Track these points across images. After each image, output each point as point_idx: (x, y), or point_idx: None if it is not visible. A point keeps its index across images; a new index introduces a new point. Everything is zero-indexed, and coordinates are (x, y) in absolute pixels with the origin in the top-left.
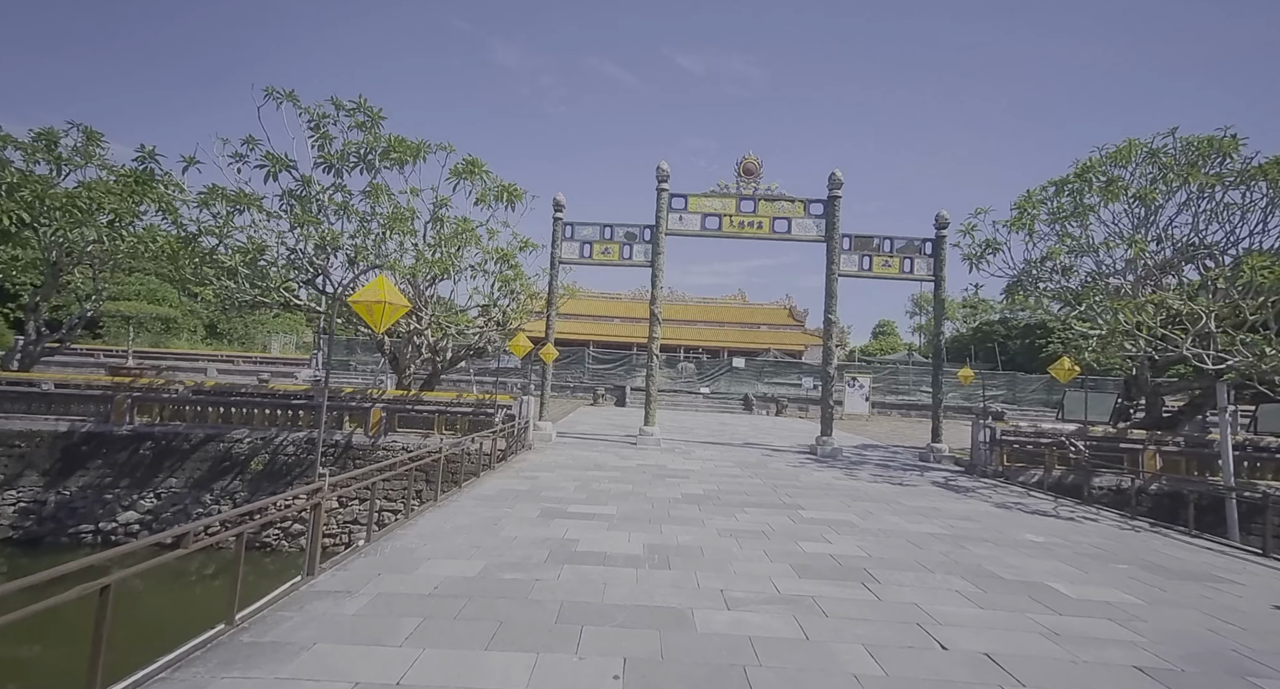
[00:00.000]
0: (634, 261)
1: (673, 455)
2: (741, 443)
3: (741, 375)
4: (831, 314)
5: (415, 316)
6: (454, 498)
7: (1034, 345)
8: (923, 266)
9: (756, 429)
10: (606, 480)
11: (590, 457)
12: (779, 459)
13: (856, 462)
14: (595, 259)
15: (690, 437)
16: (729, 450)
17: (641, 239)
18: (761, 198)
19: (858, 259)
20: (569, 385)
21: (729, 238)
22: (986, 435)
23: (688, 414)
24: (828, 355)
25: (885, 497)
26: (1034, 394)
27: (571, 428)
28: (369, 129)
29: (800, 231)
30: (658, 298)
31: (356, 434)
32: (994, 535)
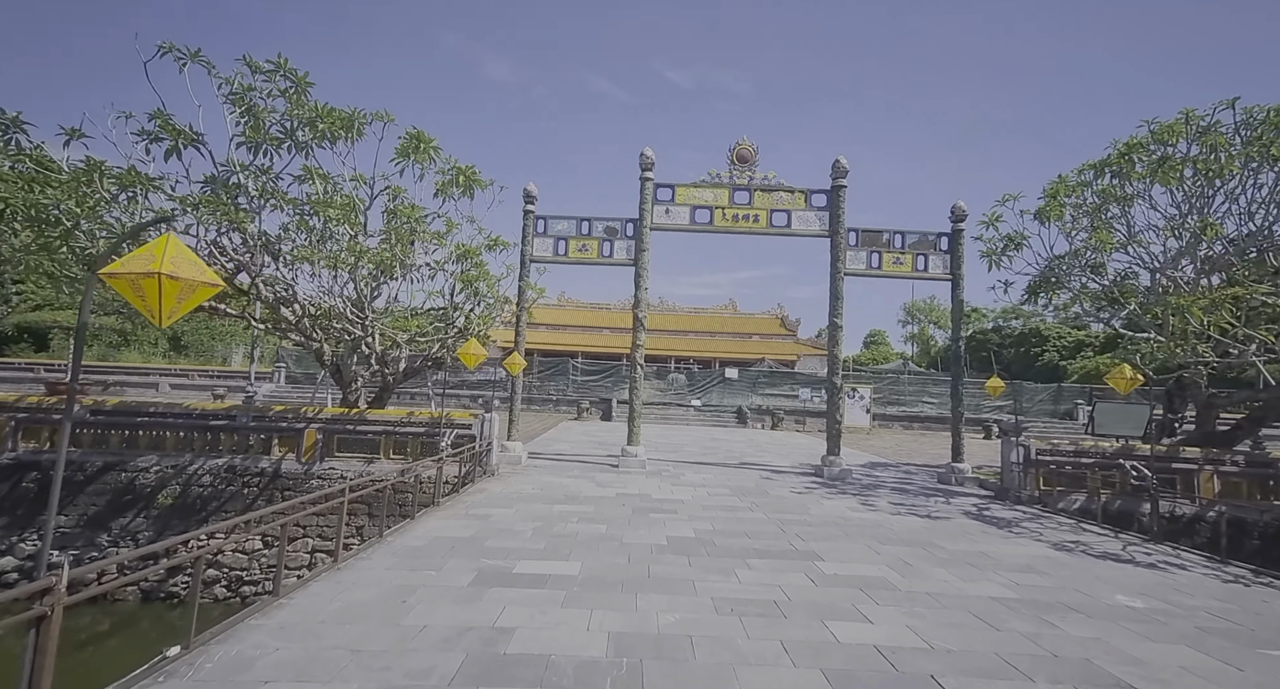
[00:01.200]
0: (615, 260)
1: (659, 481)
2: (737, 463)
3: (734, 387)
4: (837, 317)
5: (357, 322)
6: (364, 554)
7: (1029, 353)
8: (938, 264)
9: (753, 445)
10: (575, 519)
11: (562, 484)
12: (781, 483)
13: (869, 485)
14: (571, 257)
15: (680, 455)
16: (723, 473)
17: (624, 234)
18: (758, 188)
19: (865, 256)
20: (551, 399)
21: (722, 233)
22: (1020, 455)
23: (678, 429)
24: (833, 364)
25: (917, 536)
26: (1040, 404)
27: (548, 447)
28: (293, 98)
29: (801, 225)
30: (642, 300)
31: (287, 460)
32: (1079, 599)
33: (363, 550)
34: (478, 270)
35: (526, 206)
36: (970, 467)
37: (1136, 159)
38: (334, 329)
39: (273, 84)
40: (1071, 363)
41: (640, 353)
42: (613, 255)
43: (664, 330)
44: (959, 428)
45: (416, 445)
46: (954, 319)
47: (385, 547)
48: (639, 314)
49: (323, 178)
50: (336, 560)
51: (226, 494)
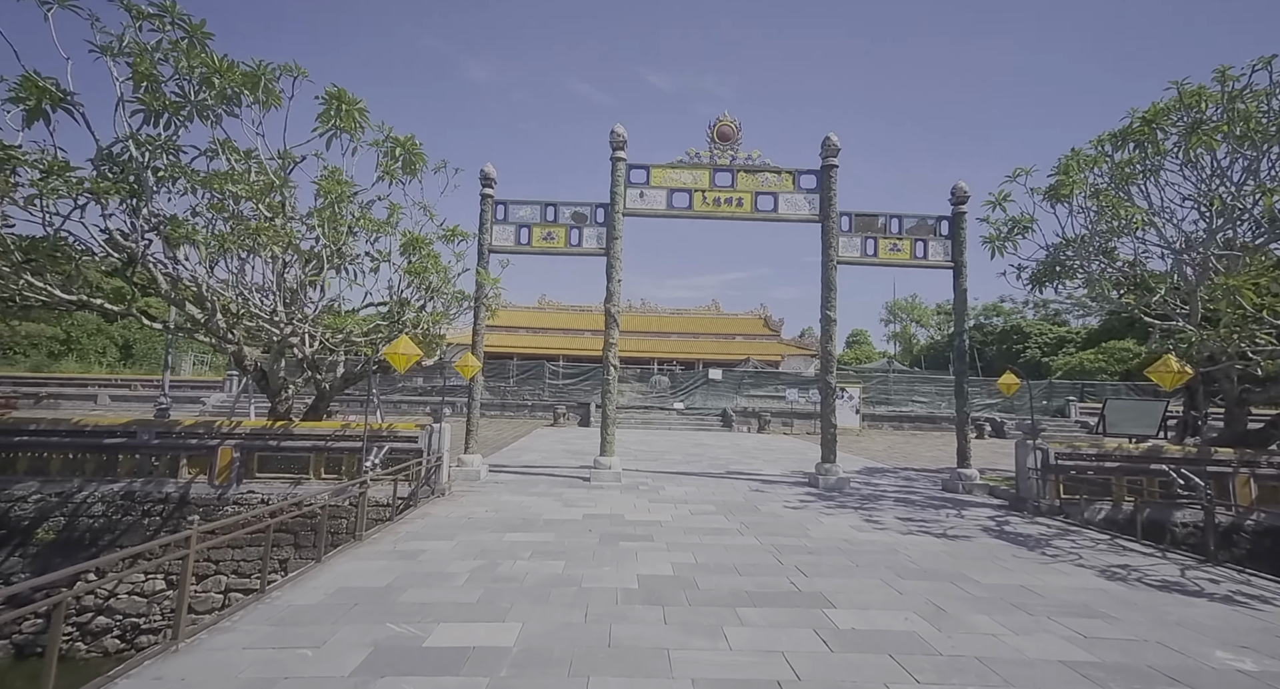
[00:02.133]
0: (584, 249)
1: (635, 497)
2: (723, 471)
3: (719, 388)
4: (830, 309)
5: (282, 321)
6: (231, 620)
7: (1010, 350)
8: (938, 250)
9: (739, 451)
10: (528, 553)
11: (521, 505)
12: (773, 496)
13: (870, 496)
14: (535, 246)
15: (660, 464)
16: (708, 484)
17: (594, 221)
18: (741, 169)
19: (859, 243)
20: (527, 404)
21: (702, 218)
22: (1038, 460)
23: (659, 434)
24: (826, 361)
25: (940, 564)
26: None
27: (515, 458)
28: (188, 51)
29: (789, 209)
30: (614, 293)
31: (198, 483)
32: (1172, 661)
33: (232, 615)
34: (430, 262)
35: (484, 190)
36: (978, 472)
37: (1160, 129)
38: (255, 329)
39: (162, 33)
40: (1054, 359)
41: (614, 352)
42: (581, 244)
43: (646, 332)
44: (964, 430)
45: (353, 462)
46: (956, 310)
47: (264, 608)
48: (611, 308)
49: (233, 150)
50: (177, 638)
51: (122, 526)
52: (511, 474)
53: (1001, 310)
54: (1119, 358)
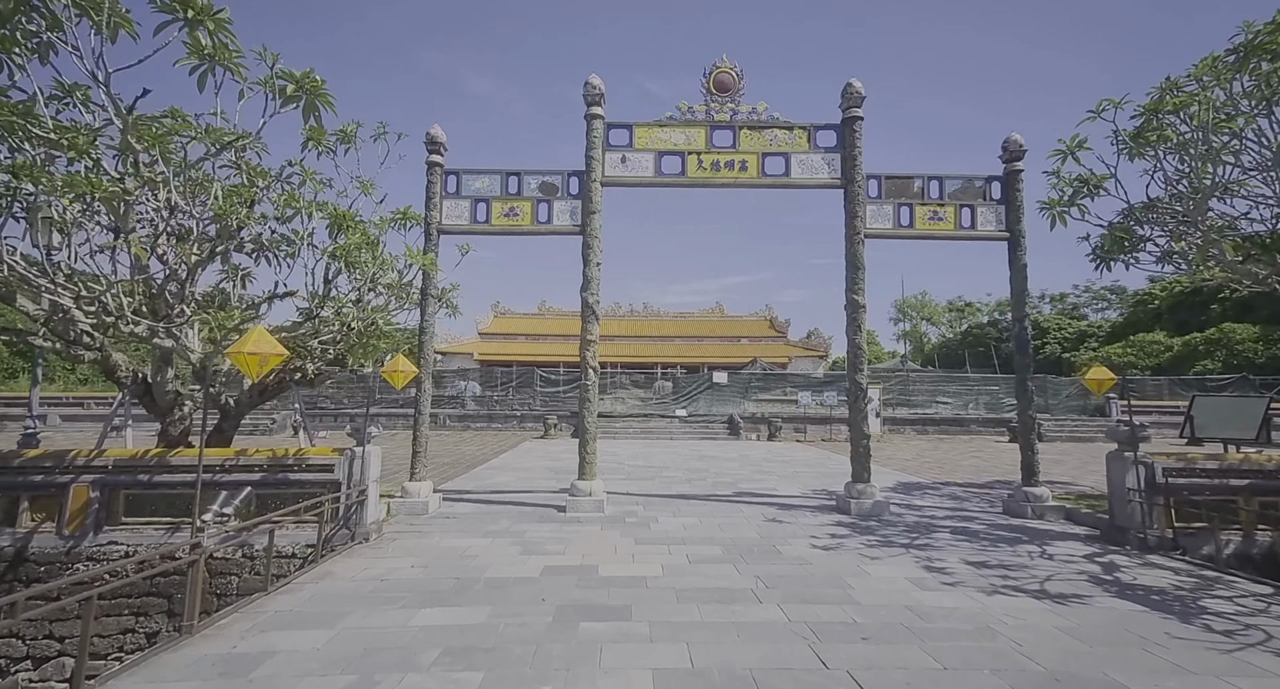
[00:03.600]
0: (555, 226)
1: (618, 535)
2: (731, 492)
3: (724, 393)
4: (856, 293)
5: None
6: None
7: None
8: (988, 217)
9: (749, 463)
10: (432, 656)
11: (465, 554)
12: (795, 527)
13: (918, 525)
14: (496, 224)
15: (656, 485)
16: (713, 511)
17: (566, 192)
18: (744, 125)
19: (891, 211)
20: (516, 414)
21: (698, 185)
22: (1140, 478)
23: (660, 445)
24: (855, 357)
25: (1073, 661)
26: (1069, 401)
27: (485, 481)
28: None
29: (804, 172)
30: (593, 279)
31: (43, 532)
32: None
33: None
34: (366, 246)
35: (431, 158)
36: (1048, 490)
37: None
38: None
39: None
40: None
41: (593, 351)
42: (551, 221)
43: (649, 336)
44: (1031, 439)
45: (250, 499)
46: (1014, 290)
47: None
48: (589, 298)
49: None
50: None
51: None
52: (470, 504)
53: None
54: (1149, 351)
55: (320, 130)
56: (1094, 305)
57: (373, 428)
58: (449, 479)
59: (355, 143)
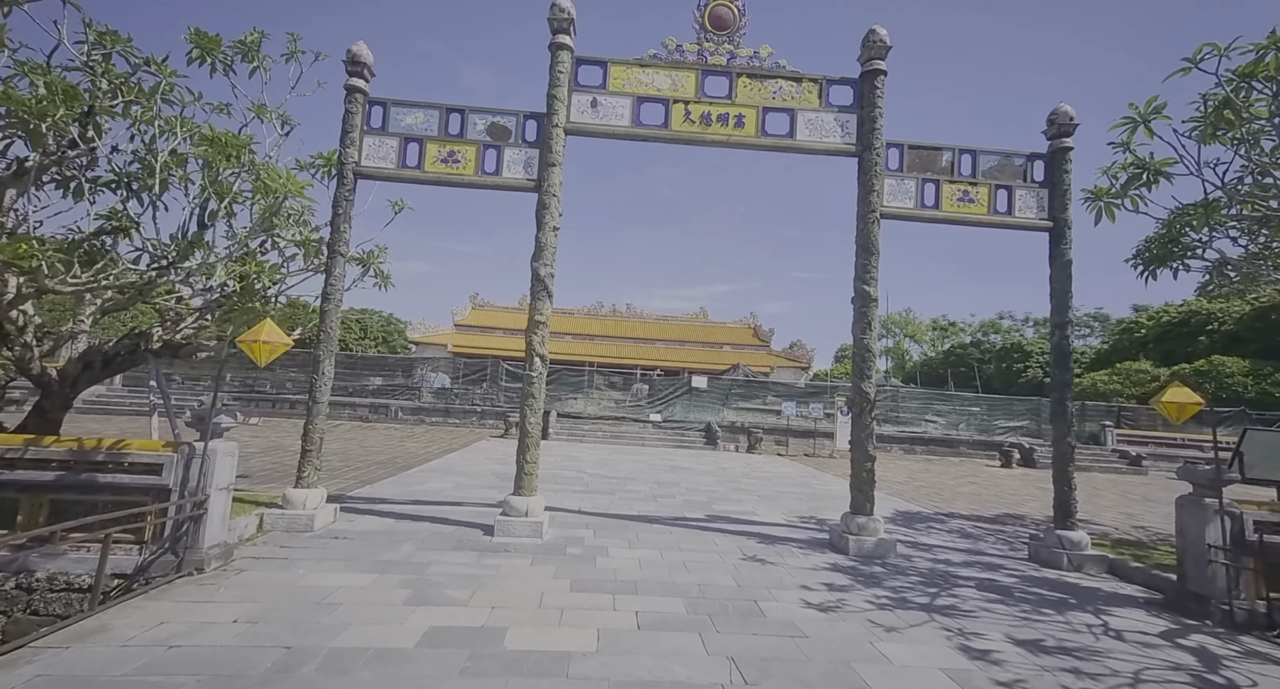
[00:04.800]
0: (504, 179)
1: (550, 577)
2: (703, 515)
3: (703, 399)
4: (868, 283)
5: None
6: None
7: (1010, 369)
8: (1029, 202)
9: (725, 479)
10: None
11: (321, 603)
12: (782, 572)
13: (931, 573)
14: (430, 171)
15: (616, 501)
16: (679, 542)
17: (520, 138)
18: (743, 73)
19: (914, 187)
20: (475, 410)
21: (684, 141)
22: (1224, 532)
23: (629, 452)
24: (862, 361)
25: None
26: None
27: (410, 487)
28: None
29: (812, 134)
30: (548, 246)
31: None
32: None
33: None
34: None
35: (351, 81)
36: (1087, 536)
37: None
38: None
39: None
40: None
41: (541, 337)
42: (501, 172)
43: (630, 338)
44: (1068, 472)
45: (36, 509)
46: (1054, 291)
47: None
48: (540, 269)
49: None
50: None
51: None
52: (376, 520)
53: (999, 327)
54: (1135, 380)
55: (212, 39)
56: (1076, 332)
57: (224, 416)
58: (369, 483)
59: (260, 60)
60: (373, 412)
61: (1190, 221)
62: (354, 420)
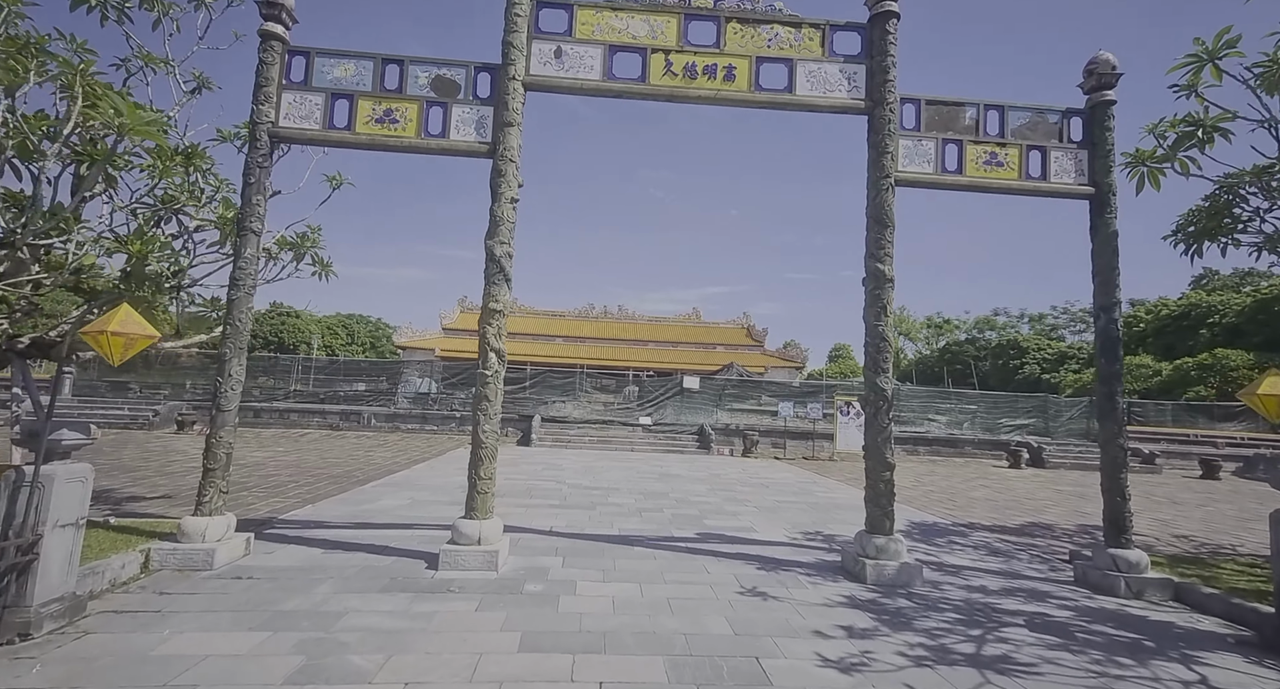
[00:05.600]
0: (453, 142)
1: (498, 628)
2: (694, 533)
3: (695, 400)
4: (882, 262)
5: None
6: None
7: (1007, 366)
8: (1065, 165)
9: (720, 486)
10: None
11: (181, 678)
12: (790, 612)
13: (970, 608)
14: (363, 132)
15: (595, 519)
16: (664, 571)
17: (471, 94)
18: (733, 17)
19: (934, 149)
20: (454, 415)
21: (663, 98)
22: None
23: (617, 459)
24: (876, 351)
25: None
26: (1071, 423)
27: (362, 506)
28: None
29: (814, 88)
30: (504, 220)
31: None
32: None
33: None
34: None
35: (267, 26)
36: (1145, 555)
37: None
38: None
39: None
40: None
41: (497, 329)
42: (448, 133)
43: (622, 340)
44: (1119, 478)
45: None
46: (1099, 267)
47: None
48: (495, 248)
49: None
50: None
51: None
52: (303, 550)
53: (995, 324)
54: (1137, 375)
55: None
56: (1072, 327)
57: (68, 431)
58: (312, 502)
59: (163, 7)
60: (344, 419)
61: (1240, 190)
62: (324, 429)
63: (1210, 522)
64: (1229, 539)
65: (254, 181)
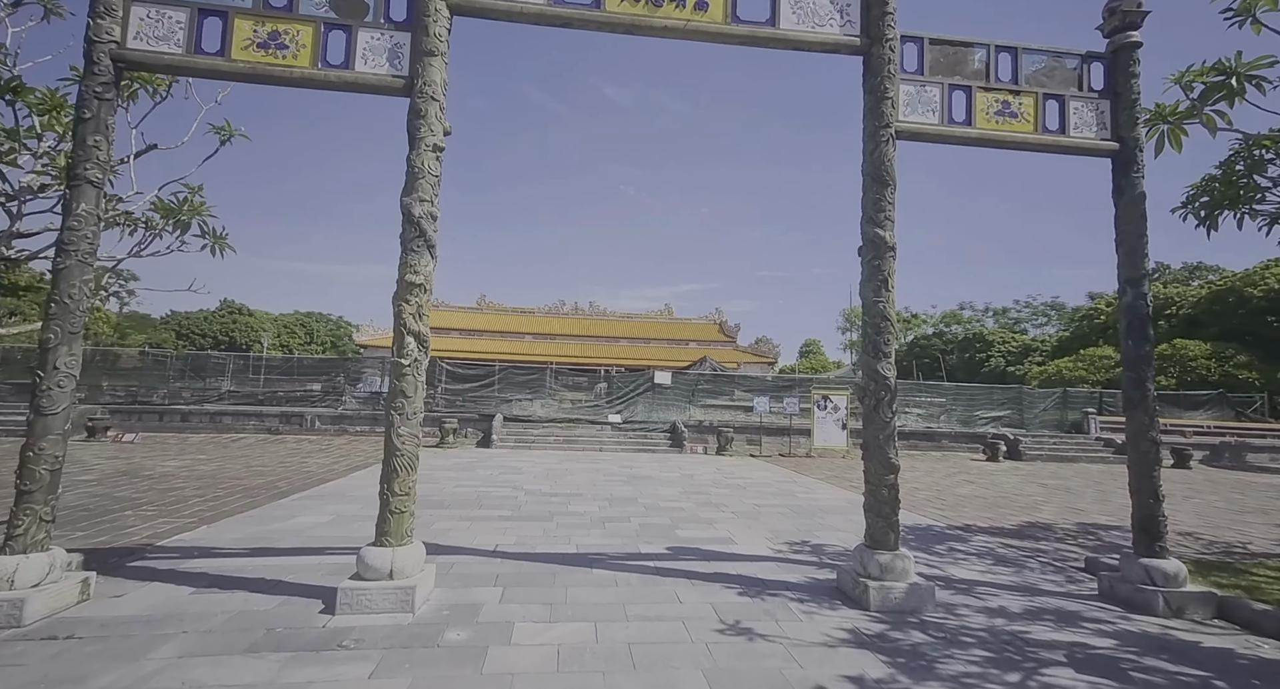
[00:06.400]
0: (359, 75)
1: None
2: (665, 548)
3: (667, 396)
4: (882, 226)
5: None
6: None
7: (974, 359)
8: (1086, 118)
9: (693, 490)
10: None
11: None
12: (782, 654)
13: (998, 642)
14: (240, 59)
15: (549, 533)
16: (626, 603)
17: (383, 16)
18: None
19: (939, 96)
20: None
21: (625, 29)
22: None
23: (584, 459)
24: (876, 331)
25: None
26: (1045, 414)
27: (274, 524)
28: None
29: (800, 21)
30: (424, 174)
31: None
32: None
33: None
34: None
35: None
36: (1184, 567)
37: None
38: None
39: None
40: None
41: (416, 304)
42: (352, 64)
43: (594, 336)
44: (1152, 477)
45: None
46: (1124, 234)
47: None
48: (412, 206)
49: None
50: None
51: None
52: (162, 589)
53: (960, 318)
54: (1099, 365)
55: None
56: (1034, 320)
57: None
58: (218, 519)
59: None
60: (285, 421)
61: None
62: (261, 432)
63: (1205, 515)
64: (1233, 535)
65: (91, 117)
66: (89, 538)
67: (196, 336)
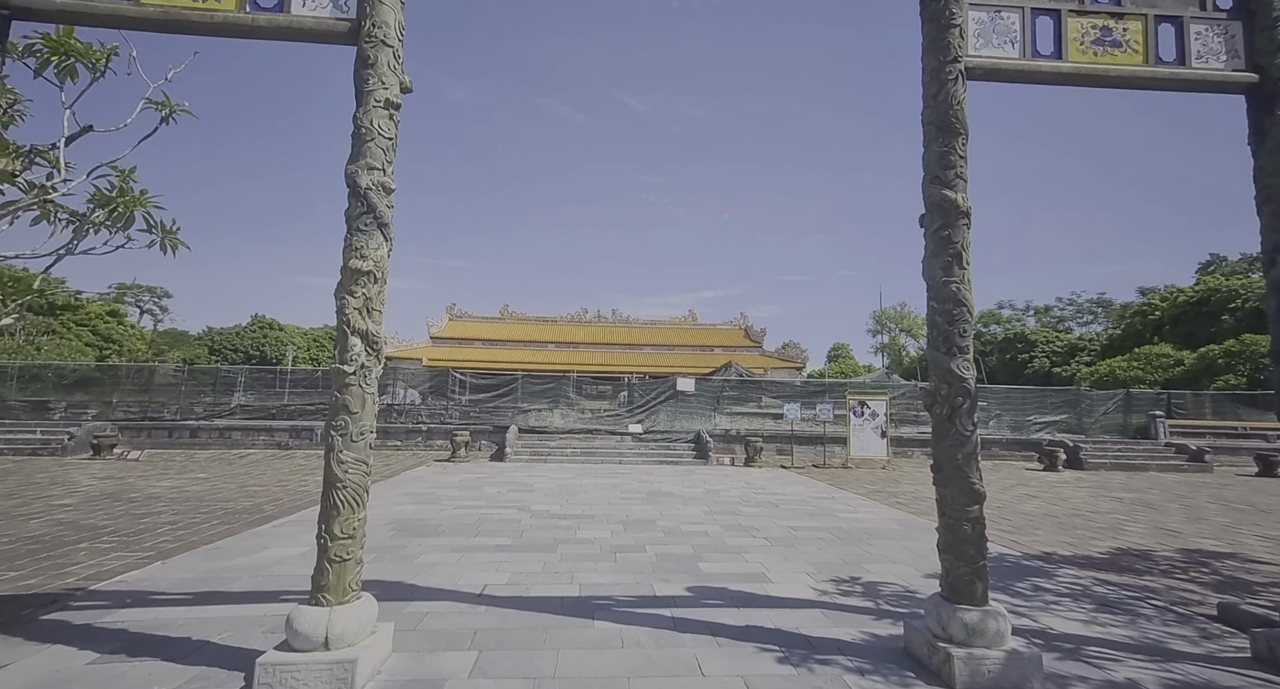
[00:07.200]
0: (295, 18)
1: None
2: (684, 589)
3: (690, 404)
4: (950, 187)
5: None
6: None
7: (1015, 360)
8: (1211, 45)
9: (719, 510)
10: None
11: None
12: None
13: None
14: (151, 3)
15: (551, 567)
16: (634, 674)
17: None
18: None
19: (1019, 24)
20: (421, 429)
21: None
22: None
23: (601, 473)
24: (949, 320)
25: None
26: (1105, 417)
27: (241, 557)
28: None
29: None
30: (376, 134)
31: None
32: None
33: None
34: None
35: None
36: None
37: None
38: None
39: None
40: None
41: (362, 296)
42: (287, 6)
43: (617, 344)
44: None
45: None
46: (1268, 189)
47: None
48: (358, 176)
49: None
50: None
51: None
52: (60, 653)
53: (1000, 318)
54: (1157, 364)
55: None
56: (1078, 319)
57: None
58: (178, 552)
59: None
60: (294, 436)
61: None
62: (271, 447)
63: None
64: None
65: None
66: (17, 580)
67: (229, 351)
